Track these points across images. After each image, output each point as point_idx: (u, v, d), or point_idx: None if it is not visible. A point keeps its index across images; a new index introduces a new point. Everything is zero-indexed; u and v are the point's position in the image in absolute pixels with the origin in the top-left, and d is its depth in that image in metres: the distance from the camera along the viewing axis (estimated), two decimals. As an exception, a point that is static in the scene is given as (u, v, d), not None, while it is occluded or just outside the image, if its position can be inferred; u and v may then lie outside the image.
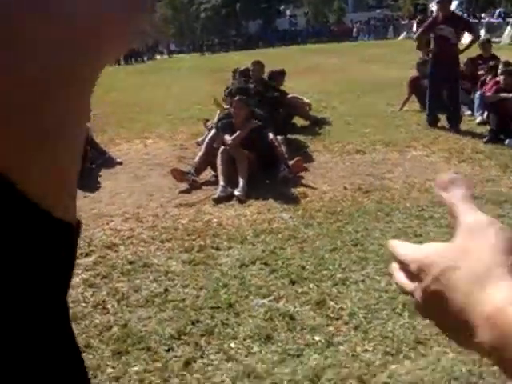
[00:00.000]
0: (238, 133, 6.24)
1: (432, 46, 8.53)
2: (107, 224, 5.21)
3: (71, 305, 3.67)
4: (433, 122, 8.45)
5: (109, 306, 3.63)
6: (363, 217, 4.88)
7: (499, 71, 8.32)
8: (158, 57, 57.65)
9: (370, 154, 7.06)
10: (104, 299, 3.72)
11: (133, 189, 6.35)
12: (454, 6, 42.19)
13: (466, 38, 9.43)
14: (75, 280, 4.04)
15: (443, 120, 8.64)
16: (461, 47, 8.49)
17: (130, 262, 4.27)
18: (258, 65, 8.83)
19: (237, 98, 6.54)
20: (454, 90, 8.32)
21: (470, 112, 9.00)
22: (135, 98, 16.45)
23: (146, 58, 54.77)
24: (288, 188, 5.87)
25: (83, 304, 3.69)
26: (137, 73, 32.12)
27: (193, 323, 3.35)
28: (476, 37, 9.07)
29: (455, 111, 8.32)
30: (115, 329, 3.35)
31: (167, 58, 54.61)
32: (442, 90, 8.37)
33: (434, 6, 45.61)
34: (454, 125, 8.17)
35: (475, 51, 10.09)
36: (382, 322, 3.22)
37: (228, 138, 6.27)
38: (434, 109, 8.46)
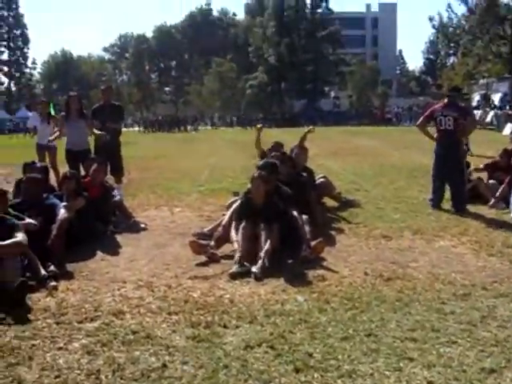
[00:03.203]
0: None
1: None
2: (118, 290, 5.12)
3: (65, 371, 3.55)
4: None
5: (102, 377, 3.48)
6: (381, 306, 4.67)
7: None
8: (202, 128, 59.07)
9: (397, 241, 6.88)
10: (99, 368, 3.58)
11: (151, 256, 6.29)
12: (497, 98, 42.45)
13: (508, 128, 9.77)
14: (74, 345, 3.93)
15: (472, 209, 8.63)
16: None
17: (133, 332, 4.13)
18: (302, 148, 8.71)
19: (256, 174, 6.45)
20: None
21: (503, 205, 8.76)
22: (171, 165, 16.72)
23: (189, 128, 56.30)
24: (307, 269, 5.71)
25: (77, 371, 3.55)
26: (179, 141, 32.88)
27: (185, 404, 3.18)
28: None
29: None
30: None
31: (210, 129, 55.83)
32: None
33: (477, 96, 45.89)
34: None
35: None
36: (384, 423, 3.00)
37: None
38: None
